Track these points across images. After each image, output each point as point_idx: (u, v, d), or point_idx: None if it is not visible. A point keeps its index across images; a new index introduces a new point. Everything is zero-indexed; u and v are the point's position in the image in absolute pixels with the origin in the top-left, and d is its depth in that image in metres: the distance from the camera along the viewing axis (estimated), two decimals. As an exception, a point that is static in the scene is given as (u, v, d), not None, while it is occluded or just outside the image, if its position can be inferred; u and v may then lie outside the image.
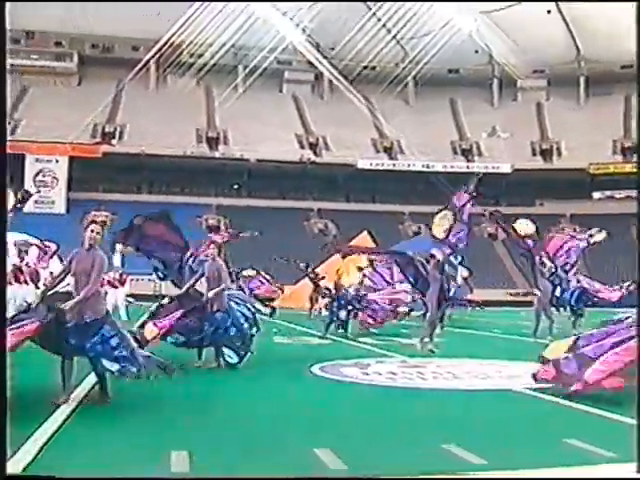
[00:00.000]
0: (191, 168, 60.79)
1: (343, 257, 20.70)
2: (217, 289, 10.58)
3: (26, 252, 17.76)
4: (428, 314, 14.51)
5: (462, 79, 70.26)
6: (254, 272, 25.76)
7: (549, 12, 63.63)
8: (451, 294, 15.17)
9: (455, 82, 69.66)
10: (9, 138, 58.49)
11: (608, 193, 63.03)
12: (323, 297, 20.49)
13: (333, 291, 18.44)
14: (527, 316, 25.40)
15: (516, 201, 64.24)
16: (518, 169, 63.06)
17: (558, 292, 18.20)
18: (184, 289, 10.84)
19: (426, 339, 14.12)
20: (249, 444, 5.81)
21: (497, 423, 6.84)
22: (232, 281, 15.02)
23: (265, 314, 21.47)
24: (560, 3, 62.67)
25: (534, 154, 65.96)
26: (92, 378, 7.72)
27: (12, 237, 19.46)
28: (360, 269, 20.81)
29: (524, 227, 18.52)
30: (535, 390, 8.49)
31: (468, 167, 63.92)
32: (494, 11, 61.61)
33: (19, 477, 4.34)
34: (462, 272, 15.08)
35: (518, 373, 10.45)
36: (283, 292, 27.40)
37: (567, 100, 69.00)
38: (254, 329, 11.11)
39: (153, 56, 64.93)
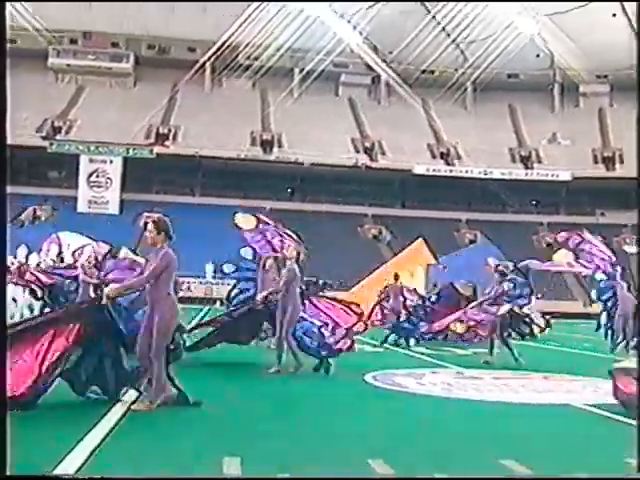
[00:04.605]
0: (245, 171, 60.39)
1: None
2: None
3: (80, 254, 17.46)
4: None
5: (522, 84, 68.77)
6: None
7: (614, 15, 61.99)
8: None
9: (515, 87, 68.22)
10: (64, 138, 59.24)
11: (672, 202, 61.26)
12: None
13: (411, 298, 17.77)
14: (587, 329, 24.43)
15: (576, 210, 62.64)
16: (578, 177, 61.40)
17: None
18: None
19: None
20: (302, 452, 5.78)
21: (555, 439, 6.70)
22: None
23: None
24: (626, 6, 61.02)
25: (595, 162, 64.17)
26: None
27: (67, 237, 19.15)
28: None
29: None
30: (594, 406, 8.40)
31: (527, 174, 62.76)
32: (557, 13, 60.17)
33: (19, 477, 4.35)
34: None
35: (576, 388, 10.39)
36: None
37: (631, 106, 67.13)
38: None
39: (209, 58, 64.92)
